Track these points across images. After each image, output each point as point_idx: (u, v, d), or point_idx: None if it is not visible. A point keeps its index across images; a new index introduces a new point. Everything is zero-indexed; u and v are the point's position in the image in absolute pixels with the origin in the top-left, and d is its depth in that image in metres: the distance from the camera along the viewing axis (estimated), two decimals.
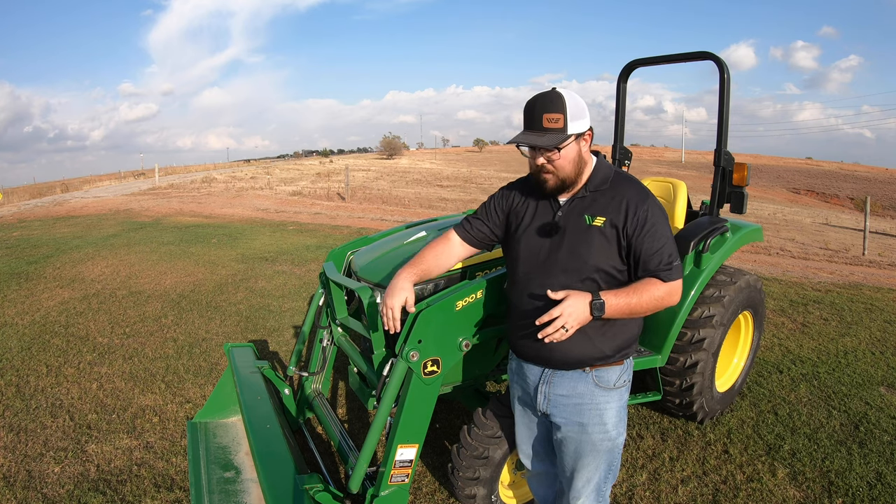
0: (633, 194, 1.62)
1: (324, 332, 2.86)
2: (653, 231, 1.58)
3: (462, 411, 3.20)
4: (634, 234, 1.58)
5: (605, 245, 1.60)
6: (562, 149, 1.57)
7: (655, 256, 1.58)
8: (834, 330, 4.73)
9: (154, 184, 23.55)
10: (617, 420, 1.70)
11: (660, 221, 1.60)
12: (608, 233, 1.60)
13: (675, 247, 1.62)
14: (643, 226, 1.58)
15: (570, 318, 1.49)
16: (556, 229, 1.66)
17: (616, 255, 1.61)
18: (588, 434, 1.69)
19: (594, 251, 1.60)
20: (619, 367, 1.70)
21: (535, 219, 1.72)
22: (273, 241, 8.94)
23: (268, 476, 2.06)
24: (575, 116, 1.56)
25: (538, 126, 1.56)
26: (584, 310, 1.51)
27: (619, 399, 1.71)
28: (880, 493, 2.49)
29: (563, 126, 1.55)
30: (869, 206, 11.44)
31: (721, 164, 2.96)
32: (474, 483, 2.16)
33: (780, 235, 12.01)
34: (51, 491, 2.52)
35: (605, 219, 1.61)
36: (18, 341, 4.38)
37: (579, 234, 1.62)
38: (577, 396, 1.68)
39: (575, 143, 1.59)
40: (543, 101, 1.57)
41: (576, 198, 1.66)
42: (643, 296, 1.57)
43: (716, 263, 2.80)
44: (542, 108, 1.56)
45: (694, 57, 3.04)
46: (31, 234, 10.06)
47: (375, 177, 26.88)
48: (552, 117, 1.55)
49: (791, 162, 62.54)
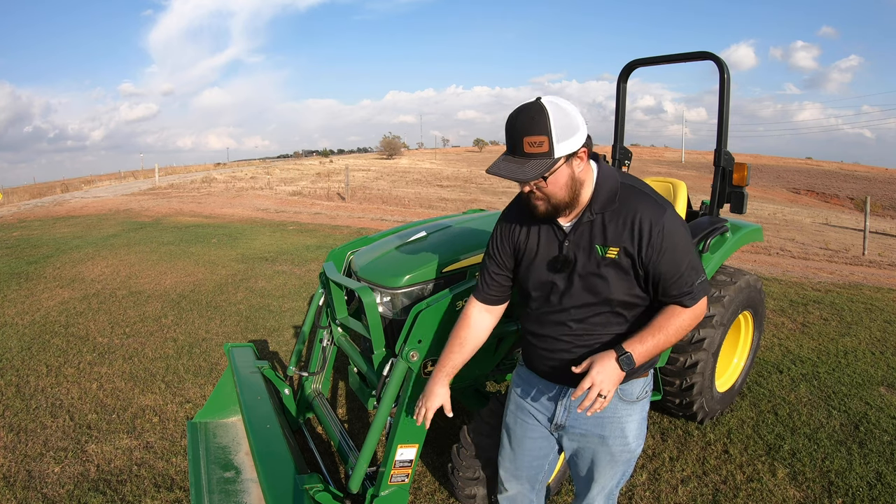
0: (646, 213, 1.42)
1: (324, 332, 2.86)
2: (671, 253, 1.42)
3: (462, 411, 3.20)
4: (652, 261, 1.43)
5: (623, 277, 1.46)
6: (548, 177, 1.38)
7: (677, 280, 1.43)
8: (834, 330, 4.73)
9: (154, 184, 23.55)
10: (638, 432, 1.63)
11: (678, 240, 1.43)
12: (624, 263, 1.45)
13: (698, 262, 1.47)
14: (660, 250, 1.41)
15: (604, 385, 1.38)
16: (566, 264, 1.50)
17: (635, 284, 1.47)
18: (608, 446, 1.61)
19: (611, 285, 1.46)
20: (643, 380, 1.61)
21: (540, 250, 1.55)
22: (273, 241, 8.94)
23: (268, 476, 2.06)
24: (563, 135, 1.33)
25: (519, 151, 1.35)
26: (615, 372, 1.40)
27: (641, 411, 1.63)
28: (880, 493, 2.49)
29: (549, 149, 1.33)
30: (869, 206, 11.44)
31: (721, 164, 2.96)
32: (474, 483, 2.16)
33: (780, 235, 12.01)
34: (51, 491, 2.52)
35: (619, 248, 1.44)
36: (18, 341, 4.38)
37: (593, 267, 1.47)
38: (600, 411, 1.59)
39: (566, 165, 1.38)
40: (524, 119, 1.34)
41: (581, 222, 1.47)
42: (669, 331, 1.45)
43: (716, 263, 2.80)
44: (523, 129, 1.33)
45: (694, 57, 3.04)
46: (31, 234, 10.06)
47: (375, 177, 26.88)
48: (534, 140, 1.32)
49: (791, 162, 62.54)
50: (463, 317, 1.72)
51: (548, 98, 1.36)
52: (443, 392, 1.68)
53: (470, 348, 1.71)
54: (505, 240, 1.63)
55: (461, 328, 1.71)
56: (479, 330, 1.72)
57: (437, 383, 1.69)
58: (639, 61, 3.37)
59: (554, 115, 1.33)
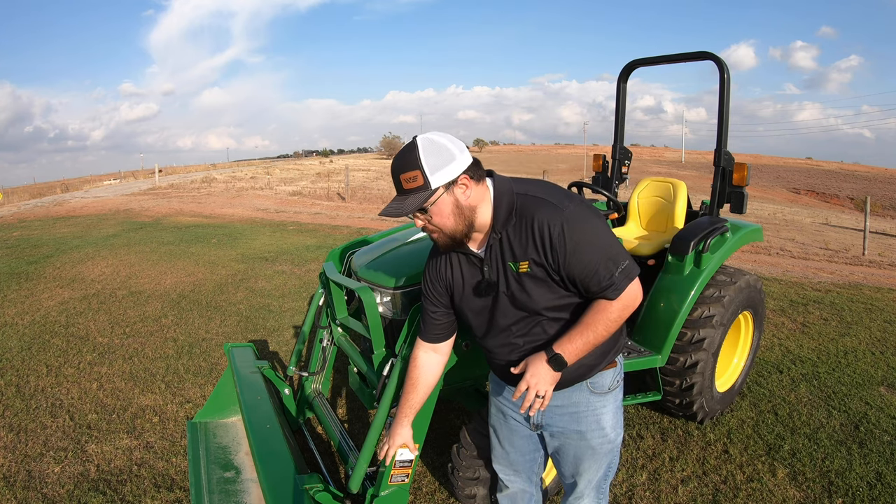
0: (542, 217, 1.41)
1: (324, 332, 2.86)
2: (578, 251, 1.40)
3: (462, 411, 3.20)
4: (561, 264, 1.42)
5: (543, 286, 1.47)
6: (427, 208, 1.41)
7: (594, 277, 1.42)
8: (834, 330, 4.73)
9: (154, 184, 23.55)
10: (614, 422, 1.66)
11: (584, 234, 1.41)
12: (538, 273, 1.45)
13: (614, 250, 1.43)
14: (566, 252, 1.40)
15: (539, 386, 1.42)
16: (490, 287, 1.53)
17: (558, 289, 1.48)
18: (587, 440, 1.64)
19: (534, 297, 1.48)
20: (612, 370, 1.64)
21: (466, 280, 1.59)
22: (273, 241, 8.94)
23: (268, 476, 2.06)
24: (436, 166, 1.37)
25: (400, 190, 1.41)
26: (548, 373, 1.43)
27: (614, 401, 1.67)
28: (880, 493, 2.49)
29: (424, 182, 1.37)
30: (869, 206, 11.44)
31: (721, 164, 2.96)
32: (474, 483, 2.16)
33: (780, 235, 12.01)
34: (51, 491, 2.52)
35: (528, 261, 1.45)
36: (18, 341, 4.38)
37: (512, 285, 1.49)
38: (572, 406, 1.63)
39: (447, 194, 1.40)
40: (398, 159, 1.41)
41: (491, 244, 1.49)
42: (598, 326, 1.45)
43: (716, 263, 2.80)
44: (398, 168, 1.40)
45: (694, 57, 3.04)
46: (31, 234, 10.06)
47: (375, 177, 26.88)
48: (408, 177, 1.38)
49: (791, 162, 62.56)
50: (412, 359, 1.77)
51: (423, 135, 1.42)
52: (405, 433, 1.79)
53: (424, 388, 1.77)
54: (434, 279, 1.66)
55: (411, 370, 1.77)
56: (429, 368, 1.76)
57: (399, 424, 1.78)
58: (639, 61, 3.38)
59: (424, 149, 1.38)
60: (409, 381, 1.76)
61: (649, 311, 2.77)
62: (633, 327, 2.80)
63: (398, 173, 1.40)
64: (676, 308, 2.69)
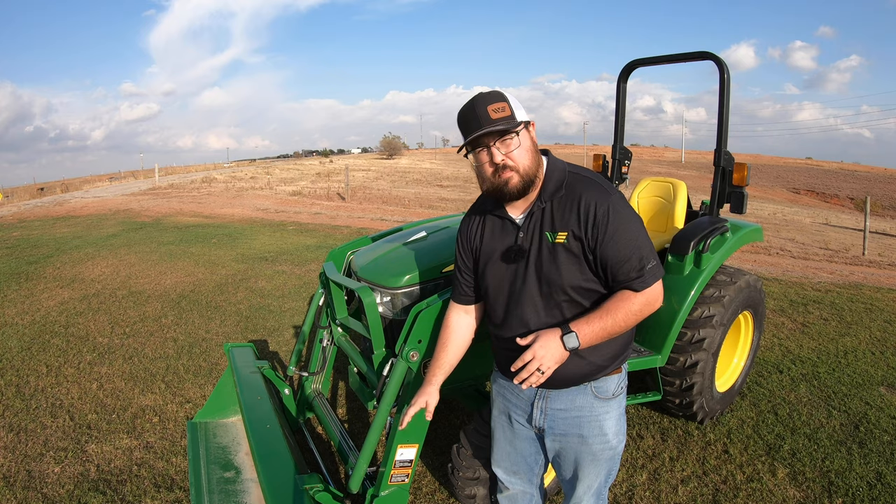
0: (590, 196, 1.47)
1: (324, 332, 2.86)
2: (617, 235, 1.44)
3: (462, 411, 3.20)
4: (598, 243, 1.44)
5: (574, 262, 1.48)
6: (519, 133, 1.45)
7: (625, 265, 1.44)
8: (834, 330, 4.73)
9: (154, 184, 23.55)
10: (617, 428, 1.64)
11: (625, 221, 1.45)
12: (573, 247, 1.47)
13: (648, 246, 1.47)
14: (606, 231, 1.44)
15: (544, 360, 1.41)
16: (520, 254, 1.54)
17: (587, 269, 1.49)
18: (588, 445, 1.62)
19: (563, 271, 1.48)
20: (617, 376, 1.63)
21: (496, 245, 1.61)
22: (273, 241, 8.94)
23: (268, 476, 2.06)
24: (517, 106, 1.47)
25: (486, 120, 1.43)
26: (558, 348, 1.43)
27: (618, 407, 1.65)
28: (880, 493, 2.49)
29: (511, 113, 1.44)
30: (869, 205, 11.43)
31: (721, 164, 2.96)
32: (474, 483, 2.16)
33: (780, 235, 12.01)
34: (51, 491, 2.52)
35: (567, 232, 1.47)
36: (18, 341, 4.38)
37: (544, 255, 1.50)
38: (575, 409, 1.61)
39: (525, 131, 1.48)
40: (482, 96, 1.47)
41: (533, 211, 1.53)
42: (618, 315, 1.45)
43: (716, 263, 2.80)
44: (485, 101, 1.45)
45: (694, 57, 3.04)
46: (31, 234, 10.06)
47: (375, 177, 26.88)
48: (496, 107, 1.43)
49: (791, 162, 62.58)
50: (444, 320, 1.80)
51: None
52: (434, 391, 1.74)
53: (454, 348, 1.77)
54: (465, 241, 1.70)
55: (443, 331, 1.78)
56: (459, 329, 1.77)
57: (427, 383, 1.75)
58: (639, 61, 3.37)
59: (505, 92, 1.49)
60: (439, 341, 1.77)
61: None
62: None
63: (485, 105, 1.43)
64: (676, 308, 2.69)
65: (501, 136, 1.45)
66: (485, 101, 1.45)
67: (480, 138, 1.46)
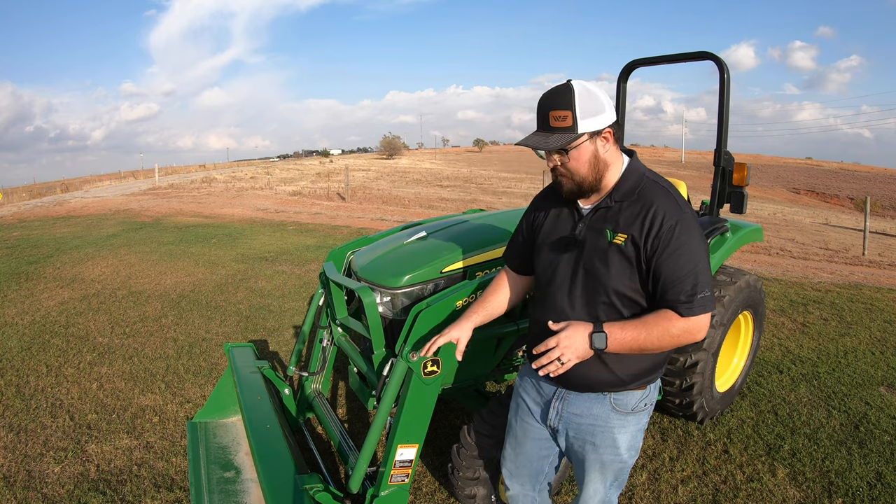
0: (662, 206, 1.41)
1: (324, 332, 2.86)
2: (678, 253, 1.37)
3: (462, 411, 3.20)
4: (656, 255, 1.39)
5: (626, 266, 1.43)
6: (569, 150, 1.42)
7: (677, 284, 1.37)
8: (834, 330, 4.73)
9: (154, 184, 23.55)
10: (630, 444, 1.59)
11: (689, 242, 1.38)
12: (629, 252, 1.42)
13: (706, 275, 1.39)
14: (667, 246, 1.37)
15: (567, 351, 1.38)
16: (573, 243, 1.51)
17: (637, 277, 1.43)
18: (599, 454, 1.58)
19: (612, 273, 1.44)
20: (640, 392, 1.56)
21: (555, 230, 1.58)
22: (273, 241, 8.94)
23: (268, 476, 2.06)
24: (587, 113, 1.39)
25: (546, 125, 1.42)
26: (583, 343, 1.39)
27: (636, 423, 1.58)
28: (880, 493, 2.49)
29: (573, 124, 1.39)
30: (869, 206, 11.43)
31: (721, 164, 2.96)
32: (474, 483, 2.16)
33: (780, 235, 12.01)
34: (51, 491, 2.52)
35: (627, 235, 1.42)
36: (18, 341, 4.38)
37: (598, 251, 1.46)
38: (591, 417, 1.57)
39: (589, 142, 1.42)
40: (552, 96, 1.42)
41: (600, 207, 1.49)
42: (654, 331, 1.39)
43: (716, 263, 2.80)
44: (550, 104, 1.41)
45: (694, 57, 3.04)
46: (31, 234, 10.06)
47: (375, 177, 26.88)
48: (559, 115, 1.39)
49: (791, 162, 62.57)
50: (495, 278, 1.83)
51: (578, 81, 1.42)
52: (468, 328, 1.74)
53: (498, 300, 1.79)
54: (531, 213, 1.71)
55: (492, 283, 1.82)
56: (506, 289, 1.79)
57: (466, 318, 1.75)
58: (639, 61, 3.37)
59: (579, 94, 1.39)
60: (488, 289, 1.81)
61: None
62: None
63: (548, 109, 1.41)
64: None
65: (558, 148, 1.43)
66: (551, 104, 1.41)
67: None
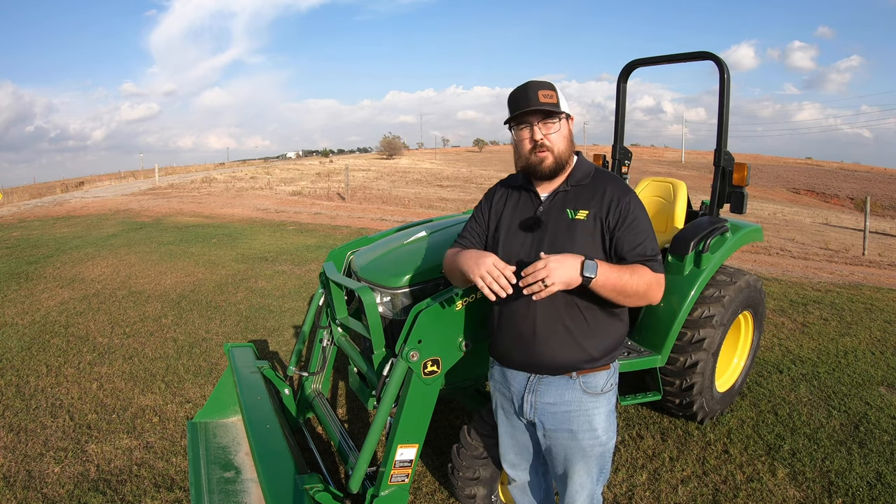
0: (614, 188, 1.62)
1: (324, 332, 2.86)
2: (635, 224, 1.57)
3: (462, 411, 3.20)
4: (617, 226, 1.57)
5: (589, 239, 1.58)
6: (558, 120, 1.58)
7: (639, 248, 1.57)
8: (834, 330, 4.73)
9: (154, 184, 23.55)
10: (607, 425, 1.67)
11: (641, 216, 1.60)
12: (591, 226, 1.58)
13: (656, 243, 1.61)
14: (625, 218, 1.57)
15: (554, 273, 1.39)
16: (537, 224, 1.63)
17: (600, 248, 1.59)
18: (578, 441, 1.65)
19: (577, 246, 1.56)
20: (605, 372, 1.66)
21: (515, 214, 1.69)
22: (273, 241, 8.94)
23: (268, 476, 2.06)
24: (563, 99, 1.61)
25: (535, 102, 1.55)
26: (573, 269, 1.42)
27: (607, 403, 1.68)
28: (880, 493, 2.49)
29: (557, 102, 1.58)
30: (869, 205, 11.42)
31: (721, 164, 2.96)
32: (474, 483, 2.16)
33: (780, 235, 12.01)
34: (51, 491, 2.52)
35: (588, 212, 1.59)
36: (18, 341, 4.38)
37: (562, 228, 1.60)
38: (564, 404, 1.64)
39: (566, 122, 1.62)
40: (536, 83, 1.60)
41: (558, 192, 1.65)
42: (634, 276, 1.52)
43: (716, 263, 2.80)
44: (536, 86, 1.58)
45: (694, 57, 3.04)
46: (31, 234, 10.06)
47: (375, 177, 26.88)
48: (547, 94, 1.56)
49: (791, 162, 62.58)
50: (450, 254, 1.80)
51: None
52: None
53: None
54: (488, 201, 1.80)
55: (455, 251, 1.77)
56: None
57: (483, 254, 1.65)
58: (639, 61, 3.37)
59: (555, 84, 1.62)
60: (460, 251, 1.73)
61: (649, 310, 2.77)
62: (633, 327, 2.80)
63: (537, 89, 1.57)
64: (676, 308, 2.69)
65: (545, 117, 1.58)
66: (537, 87, 1.58)
67: (526, 115, 1.58)
